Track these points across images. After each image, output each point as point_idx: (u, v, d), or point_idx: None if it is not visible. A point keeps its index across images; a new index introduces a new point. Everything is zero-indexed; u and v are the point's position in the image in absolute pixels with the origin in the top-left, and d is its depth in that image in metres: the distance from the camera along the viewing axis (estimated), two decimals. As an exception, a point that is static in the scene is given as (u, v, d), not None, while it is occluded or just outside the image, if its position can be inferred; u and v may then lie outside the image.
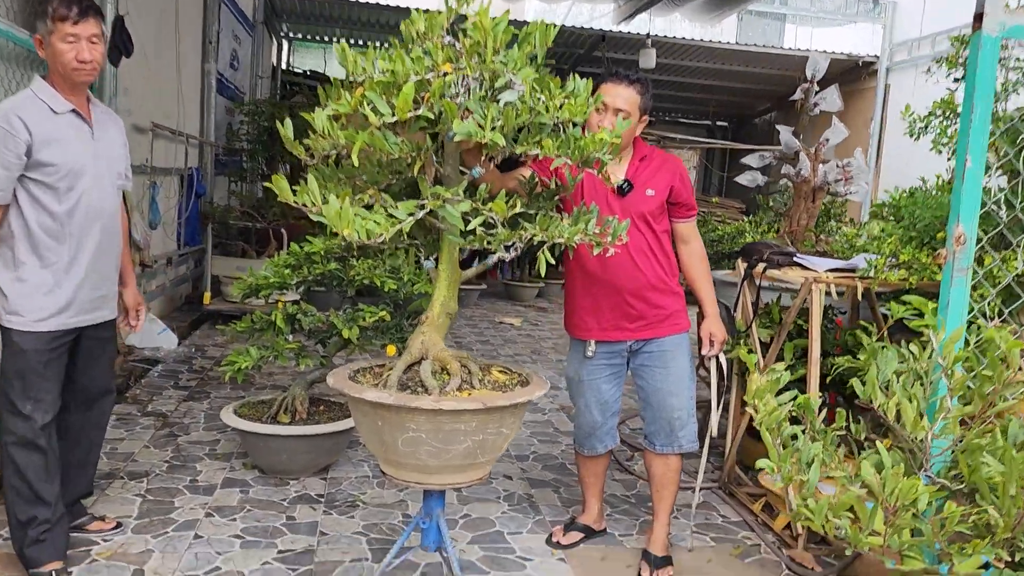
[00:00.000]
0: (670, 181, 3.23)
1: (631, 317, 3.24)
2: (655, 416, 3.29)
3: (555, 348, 7.99)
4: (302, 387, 4.20)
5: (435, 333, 2.75)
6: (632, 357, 3.33)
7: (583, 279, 3.29)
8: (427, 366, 2.65)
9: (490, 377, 2.79)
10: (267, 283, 4.24)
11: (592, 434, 3.40)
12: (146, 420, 4.85)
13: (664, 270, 3.25)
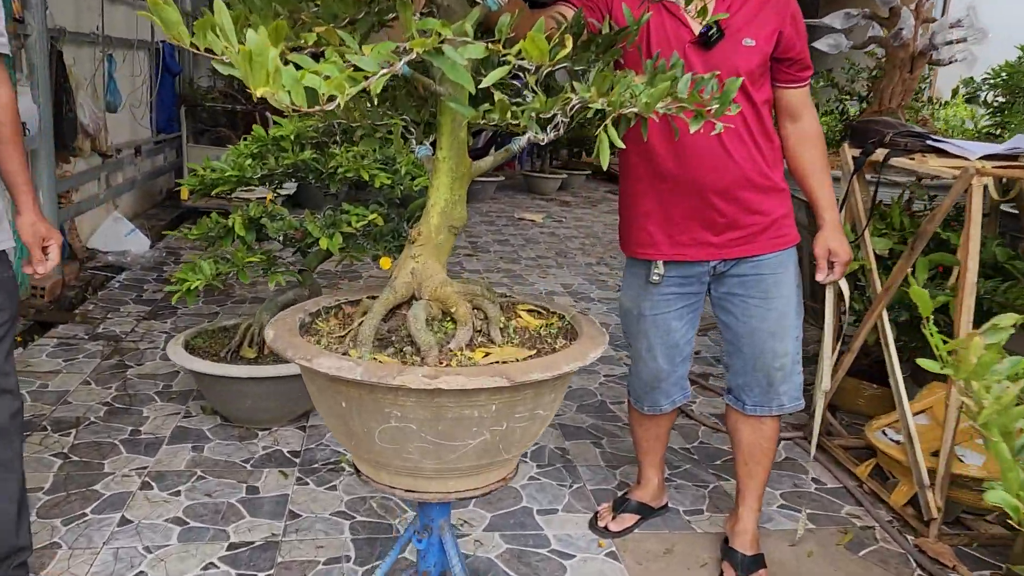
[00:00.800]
0: (778, 25, 2.18)
1: (717, 227, 2.26)
2: (747, 365, 2.36)
3: (583, 249, 7.03)
4: (272, 312, 3.29)
5: (432, 257, 1.79)
6: (715, 283, 2.37)
7: (648, 174, 2.30)
8: (419, 310, 1.71)
9: (518, 322, 1.85)
10: (222, 178, 3.27)
11: (656, 387, 2.48)
12: (93, 345, 3.98)
13: (766, 159, 2.25)
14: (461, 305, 1.75)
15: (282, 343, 1.63)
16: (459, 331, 1.71)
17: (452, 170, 1.77)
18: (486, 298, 1.81)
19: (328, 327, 1.82)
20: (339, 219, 3.25)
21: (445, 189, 1.78)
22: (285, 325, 1.74)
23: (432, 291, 1.76)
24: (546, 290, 5.55)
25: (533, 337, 1.78)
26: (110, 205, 6.03)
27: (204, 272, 3.16)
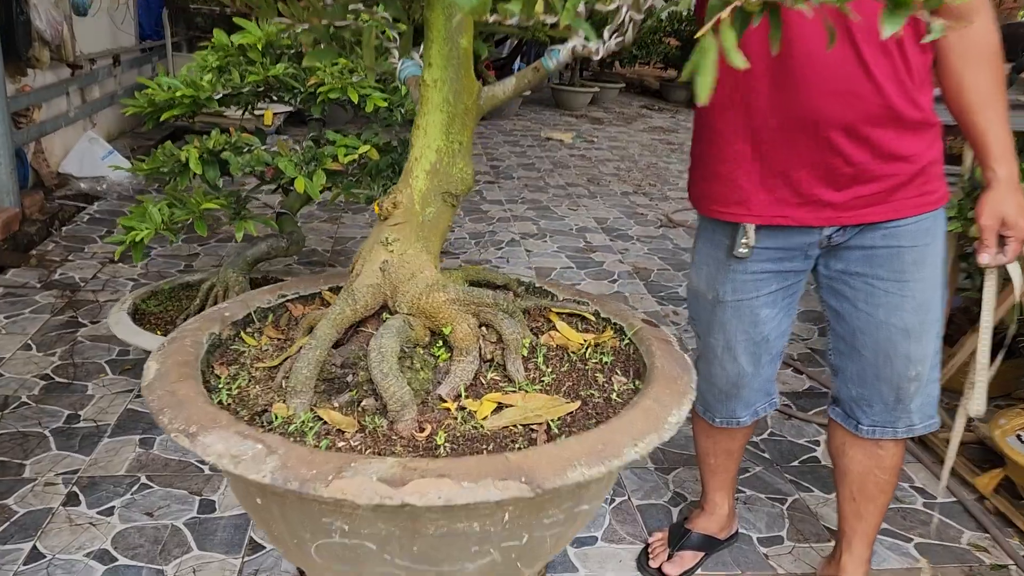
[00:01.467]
0: None
1: (839, 179, 1.56)
2: (867, 372, 1.69)
3: (617, 174, 6.28)
4: (239, 270, 2.64)
5: (415, 243, 1.14)
6: (827, 258, 1.68)
7: (739, 101, 1.59)
8: (389, 338, 1.06)
9: (551, 338, 1.19)
10: (173, 98, 2.58)
11: (734, 394, 1.82)
12: (44, 296, 3.38)
13: (914, 78, 1.52)
14: (460, 322, 1.09)
15: (157, 397, 0.99)
16: (456, 364, 1.07)
17: (448, 102, 1.09)
18: (500, 308, 1.14)
19: (257, 346, 1.17)
20: (321, 152, 2.57)
21: (437, 132, 1.10)
22: (180, 354, 1.09)
23: (414, 300, 1.11)
24: (577, 226, 4.85)
25: (574, 367, 1.13)
26: (86, 123, 5.36)
27: (153, 219, 2.51)
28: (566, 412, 1.03)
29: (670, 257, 4.39)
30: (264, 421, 1.00)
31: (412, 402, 0.99)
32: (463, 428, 0.99)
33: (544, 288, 1.37)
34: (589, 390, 1.09)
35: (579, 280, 3.95)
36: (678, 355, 1.16)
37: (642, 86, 11.94)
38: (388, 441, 0.96)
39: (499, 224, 4.77)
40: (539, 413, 1.01)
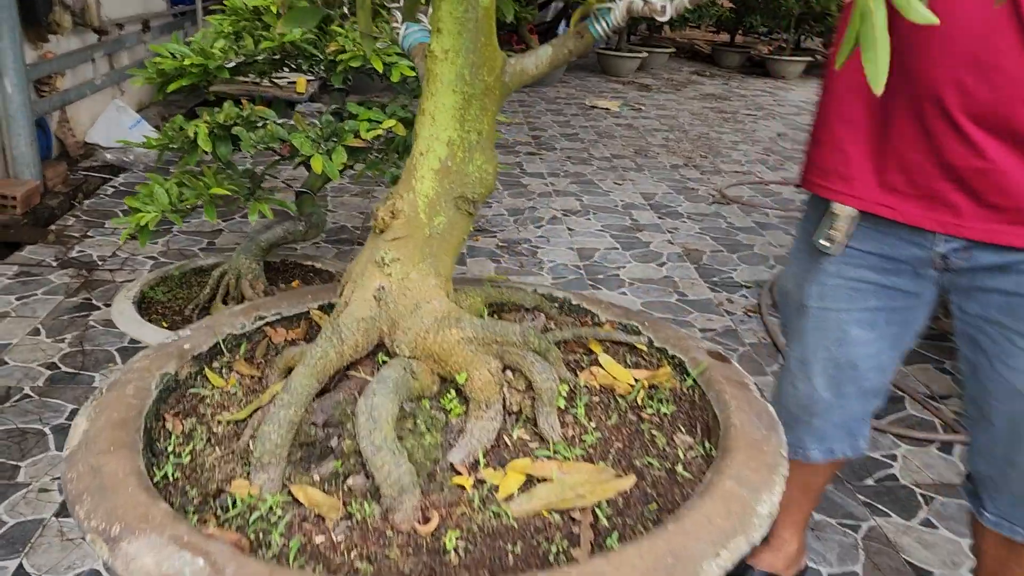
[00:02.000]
0: None
1: (965, 175, 1.25)
2: (995, 448, 1.38)
3: (666, 145, 5.94)
4: (252, 256, 2.42)
5: (419, 263, 0.90)
6: (960, 298, 1.38)
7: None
8: (384, 396, 0.81)
9: (592, 377, 0.94)
10: (181, 67, 2.35)
11: (803, 420, 1.54)
12: (59, 276, 3.21)
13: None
14: (478, 366, 0.85)
15: (76, 476, 0.76)
16: (473, 422, 0.82)
17: (463, 79, 0.83)
18: (529, 346, 0.89)
19: (224, 387, 0.93)
20: (341, 127, 2.32)
21: (448, 119, 0.85)
22: (117, 408, 0.86)
23: (419, 339, 0.86)
24: (622, 202, 4.55)
25: (624, 419, 0.88)
26: (115, 92, 5.18)
27: (159, 201, 2.30)
28: (618, 491, 0.78)
29: (723, 237, 4.08)
30: (219, 506, 0.77)
31: (413, 485, 0.75)
32: (481, 517, 0.75)
33: (583, 306, 1.11)
34: (646, 456, 0.84)
35: (624, 263, 3.67)
36: (759, 405, 0.90)
37: (693, 51, 11.46)
38: (380, 538, 0.73)
39: (540, 199, 4.49)
40: (582, 492, 0.77)
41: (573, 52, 0.84)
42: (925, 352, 3.01)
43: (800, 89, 9.20)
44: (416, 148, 0.86)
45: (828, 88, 1.37)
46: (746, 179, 5.18)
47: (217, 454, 0.83)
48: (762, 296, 3.37)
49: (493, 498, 0.77)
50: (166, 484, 0.81)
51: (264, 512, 0.76)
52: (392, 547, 0.72)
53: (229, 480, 0.80)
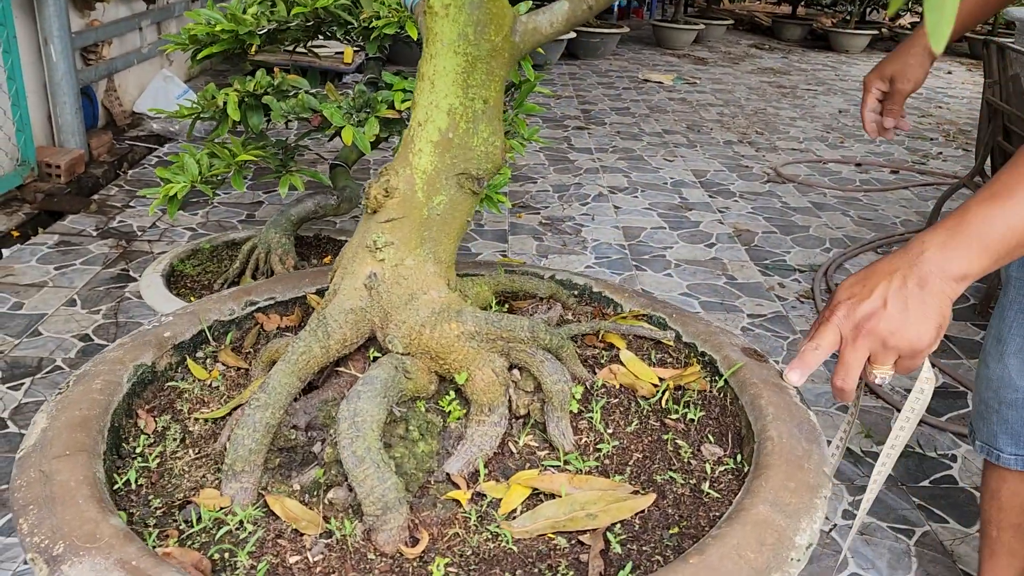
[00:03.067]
0: None
1: None
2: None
3: (721, 121, 5.73)
4: (282, 230, 2.36)
5: (416, 245, 0.80)
6: None
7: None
8: (370, 401, 0.71)
9: (611, 375, 0.83)
10: (213, 33, 2.28)
11: (993, 408, 1.34)
12: (99, 246, 3.21)
13: None
14: (481, 365, 0.76)
15: (25, 483, 0.69)
16: (473, 427, 0.73)
17: (467, 38, 0.74)
18: (539, 343, 0.78)
19: (207, 380, 0.85)
20: (374, 98, 2.23)
21: (449, 84, 0.75)
22: (79, 405, 0.78)
23: (414, 334, 0.77)
24: (672, 180, 4.40)
25: (645, 425, 0.77)
26: (163, 61, 5.18)
27: (190, 171, 2.25)
28: (634, 511, 0.68)
29: (777, 218, 3.91)
30: (184, 519, 0.69)
31: (399, 502, 0.66)
32: (477, 539, 0.65)
33: (605, 295, 1.00)
34: (669, 471, 0.73)
35: (671, 243, 3.53)
36: (800, 413, 0.78)
37: (752, 23, 11.10)
38: (361, 561, 0.64)
39: (586, 176, 4.36)
40: (593, 512, 0.67)
41: (593, 8, 0.73)
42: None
43: (864, 64, 8.83)
44: (414, 117, 0.76)
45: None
46: (803, 157, 4.97)
47: (189, 457, 0.75)
48: (816, 281, 3.21)
49: (492, 516, 0.68)
50: (128, 492, 0.73)
51: (233, 527, 0.67)
52: (373, 573, 0.63)
53: (198, 489, 0.72)
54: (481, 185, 0.76)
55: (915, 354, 0.78)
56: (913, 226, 3.87)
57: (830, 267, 3.33)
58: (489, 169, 0.76)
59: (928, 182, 4.60)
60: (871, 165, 4.88)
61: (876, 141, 5.45)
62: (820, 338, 0.77)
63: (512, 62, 0.74)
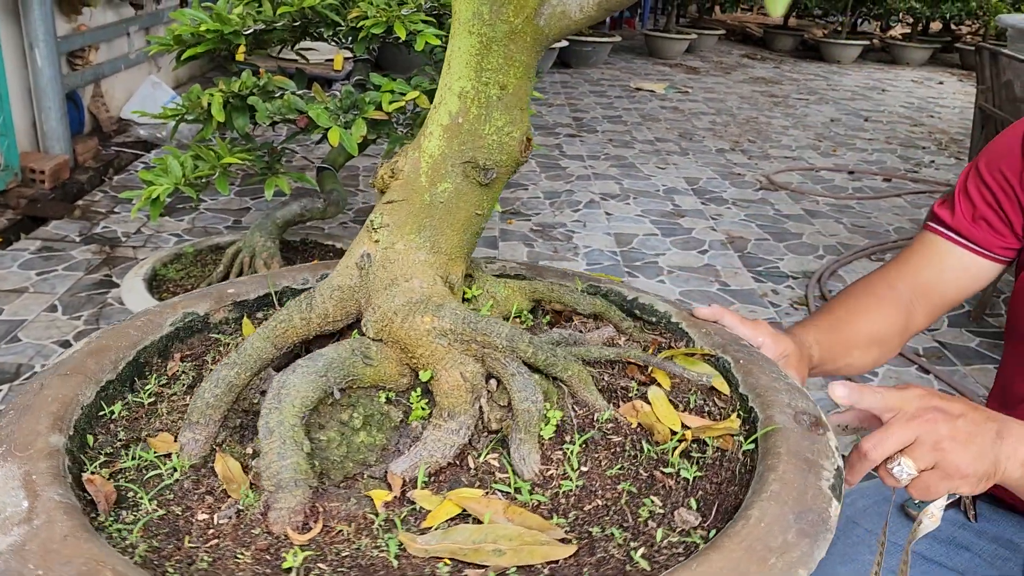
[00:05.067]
0: None
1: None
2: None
3: (713, 129, 5.72)
4: (267, 234, 2.31)
5: (411, 230, 0.77)
6: None
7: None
8: (310, 368, 0.70)
9: (639, 411, 0.77)
10: (197, 33, 2.24)
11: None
12: (82, 251, 3.15)
13: None
14: (449, 366, 0.71)
15: (20, 393, 0.71)
16: (430, 431, 0.68)
17: (481, 17, 0.69)
18: (518, 352, 0.73)
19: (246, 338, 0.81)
20: (362, 99, 2.19)
21: (462, 66, 0.71)
22: (114, 336, 0.80)
23: (386, 320, 0.72)
24: (664, 187, 4.37)
25: (631, 472, 0.71)
26: (151, 67, 5.14)
27: (173, 173, 2.20)
28: (545, 560, 0.61)
29: (770, 225, 3.88)
30: (131, 456, 0.67)
31: (296, 484, 0.62)
32: (366, 543, 0.61)
33: (682, 326, 0.92)
34: (616, 527, 0.66)
35: (663, 250, 3.50)
36: (812, 499, 0.68)
37: (744, 34, 11.14)
38: (246, 536, 0.61)
39: (578, 182, 4.33)
40: (502, 549, 0.61)
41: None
42: (984, 351, 2.79)
43: (855, 73, 8.85)
44: (434, 100, 0.72)
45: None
46: (796, 165, 4.95)
47: (181, 403, 0.73)
48: (810, 288, 3.18)
49: (401, 525, 0.63)
50: (105, 421, 0.73)
51: (165, 472, 0.65)
52: (249, 548, 0.60)
53: (159, 431, 0.70)
54: (488, 176, 0.72)
55: (953, 474, 0.78)
56: (906, 233, 3.85)
57: (824, 273, 3.30)
58: (501, 161, 0.72)
59: (921, 190, 4.58)
60: (864, 173, 4.87)
61: (869, 149, 5.44)
62: (897, 428, 0.78)
63: (536, 49, 0.69)
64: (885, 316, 1.12)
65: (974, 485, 0.79)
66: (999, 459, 0.80)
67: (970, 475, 0.78)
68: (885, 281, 1.16)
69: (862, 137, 5.80)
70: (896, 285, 1.15)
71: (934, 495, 0.80)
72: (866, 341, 1.12)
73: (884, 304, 1.13)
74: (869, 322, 1.12)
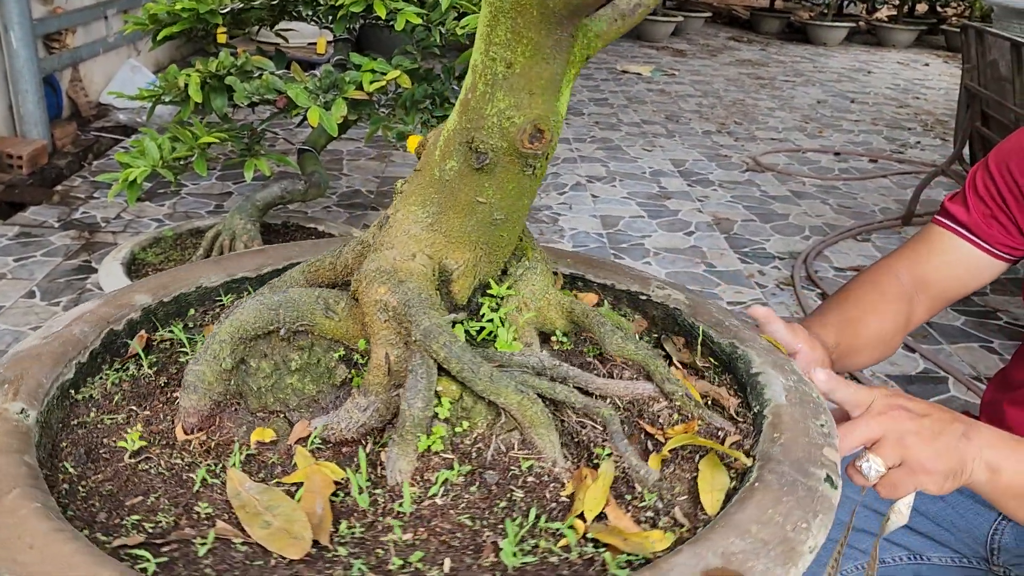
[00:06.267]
0: None
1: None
2: None
3: (699, 112, 5.70)
4: (247, 216, 2.28)
5: (415, 202, 0.80)
6: None
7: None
8: (261, 305, 0.73)
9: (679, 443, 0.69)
10: (173, 12, 2.20)
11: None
12: (60, 237, 3.11)
13: None
14: (381, 344, 0.71)
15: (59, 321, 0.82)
16: (349, 401, 0.66)
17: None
18: (430, 352, 0.68)
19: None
20: (342, 79, 2.15)
21: (478, 35, 0.69)
22: (166, 278, 0.92)
23: (357, 282, 0.71)
24: (651, 169, 4.35)
25: (491, 507, 0.66)
26: (130, 51, 5.06)
27: (150, 155, 2.16)
28: (278, 551, 0.57)
29: (757, 206, 3.87)
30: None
31: (195, 390, 0.66)
32: (201, 462, 0.65)
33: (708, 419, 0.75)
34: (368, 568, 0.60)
35: (650, 231, 3.48)
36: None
37: (730, 16, 11.10)
38: (159, 433, 0.71)
39: (563, 165, 4.30)
40: (271, 521, 0.58)
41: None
42: (970, 330, 2.79)
43: (842, 56, 8.84)
44: (475, 41, 0.70)
45: None
46: (782, 146, 4.94)
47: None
48: (796, 268, 3.17)
49: (260, 468, 0.65)
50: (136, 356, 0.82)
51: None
52: (150, 440, 0.70)
53: None
54: (480, 161, 0.68)
55: (918, 470, 0.79)
56: (892, 213, 3.84)
57: (810, 254, 3.29)
58: (496, 147, 0.68)
59: (906, 170, 4.58)
60: (850, 154, 4.86)
61: (855, 131, 5.43)
62: (864, 426, 0.79)
63: (546, 26, 0.64)
64: (891, 313, 1.13)
65: (940, 483, 0.79)
66: (965, 459, 0.80)
67: (935, 471, 0.79)
68: (891, 272, 1.16)
69: (848, 119, 5.79)
70: (901, 276, 1.15)
71: (901, 493, 0.81)
72: (875, 342, 1.13)
73: (890, 300, 1.13)
74: (877, 322, 1.12)
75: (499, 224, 0.76)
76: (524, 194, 0.76)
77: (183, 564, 0.56)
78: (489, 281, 0.80)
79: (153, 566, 0.55)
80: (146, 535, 0.58)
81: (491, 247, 0.79)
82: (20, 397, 0.66)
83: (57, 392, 0.70)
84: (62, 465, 0.65)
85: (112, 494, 0.62)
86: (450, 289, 0.77)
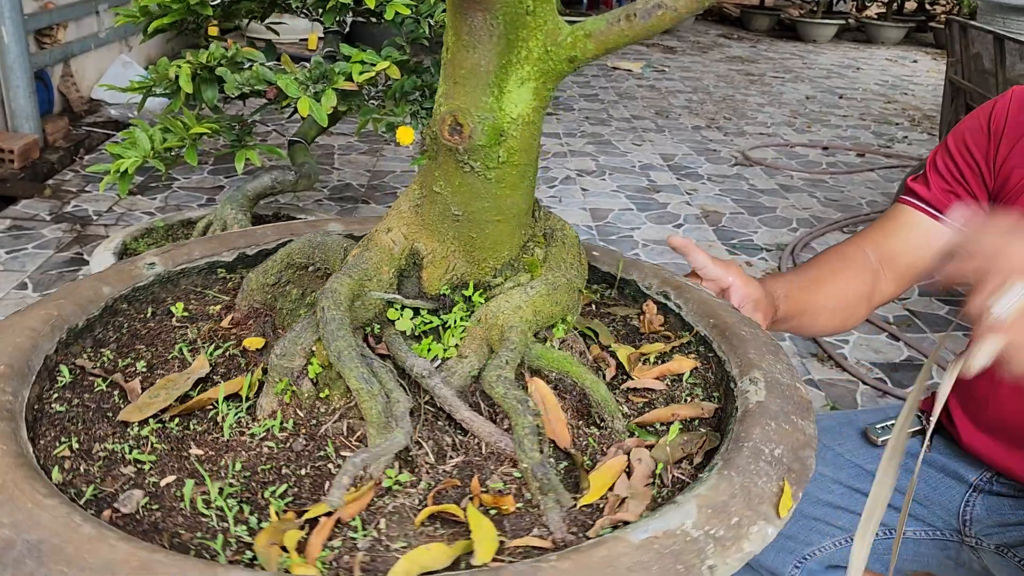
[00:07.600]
0: None
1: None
2: None
3: (689, 107, 5.73)
4: (238, 206, 2.30)
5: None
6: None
7: None
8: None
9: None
10: (163, 4, 2.22)
11: None
12: (52, 230, 3.12)
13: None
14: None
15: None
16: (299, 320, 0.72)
17: None
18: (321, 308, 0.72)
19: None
20: (331, 70, 2.17)
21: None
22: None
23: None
24: (640, 163, 4.38)
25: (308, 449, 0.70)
26: (122, 46, 5.07)
27: (140, 146, 2.18)
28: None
29: (744, 199, 3.90)
30: None
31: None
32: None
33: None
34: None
35: (639, 224, 3.52)
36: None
37: (720, 13, 11.14)
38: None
39: (554, 160, 4.33)
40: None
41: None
42: (953, 318, 2.83)
43: (831, 52, 8.89)
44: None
45: None
46: (771, 141, 4.98)
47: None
48: (783, 259, 3.21)
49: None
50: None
51: None
52: None
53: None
54: (421, 147, 0.71)
55: None
56: (878, 207, 3.88)
57: (797, 245, 3.33)
58: (429, 134, 0.70)
59: (893, 164, 4.62)
60: (838, 148, 4.90)
61: (843, 126, 5.48)
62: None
63: (453, 6, 0.65)
64: (854, 279, 1.16)
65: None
66: None
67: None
68: (858, 247, 1.19)
69: (836, 114, 5.84)
70: (865, 249, 1.18)
71: None
72: (833, 304, 1.15)
73: (854, 266, 1.16)
74: (838, 285, 1.15)
75: (460, 221, 0.75)
76: (478, 196, 0.74)
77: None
78: (468, 283, 0.80)
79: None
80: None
81: (465, 245, 0.77)
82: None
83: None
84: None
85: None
86: (420, 275, 0.78)
